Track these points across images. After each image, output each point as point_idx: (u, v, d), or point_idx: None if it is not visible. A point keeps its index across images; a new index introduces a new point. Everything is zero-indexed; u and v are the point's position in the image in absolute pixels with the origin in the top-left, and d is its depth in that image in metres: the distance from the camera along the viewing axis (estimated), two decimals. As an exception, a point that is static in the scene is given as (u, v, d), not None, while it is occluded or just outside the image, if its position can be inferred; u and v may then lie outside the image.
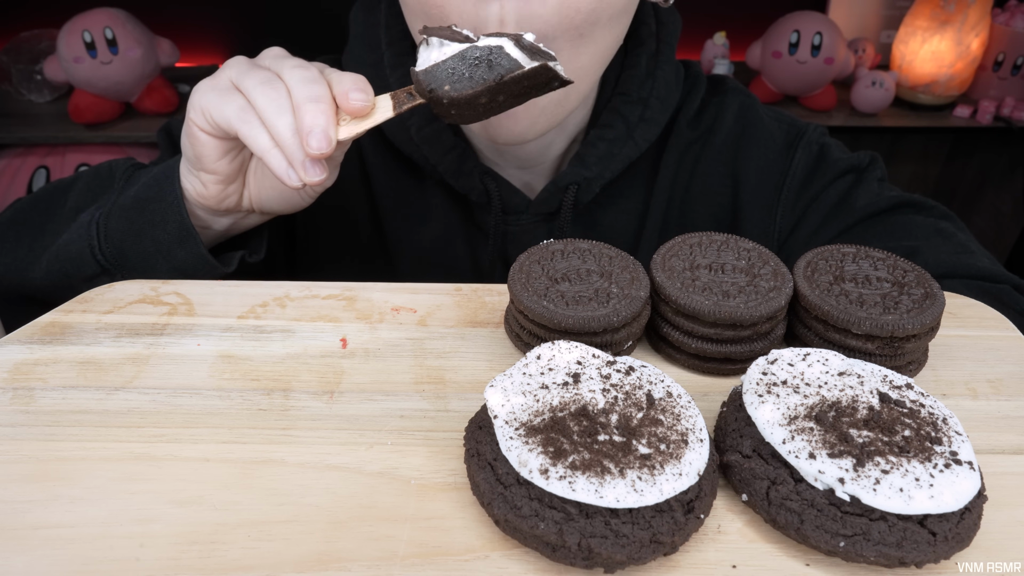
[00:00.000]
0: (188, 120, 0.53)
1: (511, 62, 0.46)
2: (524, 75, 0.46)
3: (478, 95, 0.46)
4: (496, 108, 0.49)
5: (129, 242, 0.57)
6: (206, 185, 0.55)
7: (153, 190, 0.58)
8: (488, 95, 0.47)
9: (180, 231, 0.56)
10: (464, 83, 0.46)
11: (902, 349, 0.43)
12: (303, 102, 0.48)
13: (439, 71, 0.47)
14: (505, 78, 0.46)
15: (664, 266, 0.46)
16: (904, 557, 0.32)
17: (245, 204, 0.58)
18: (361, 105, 0.48)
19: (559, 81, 0.49)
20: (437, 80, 0.47)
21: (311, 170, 0.49)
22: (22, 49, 1.89)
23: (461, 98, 0.47)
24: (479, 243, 0.72)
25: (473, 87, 0.46)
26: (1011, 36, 1.93)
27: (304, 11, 2.09)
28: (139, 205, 0.58)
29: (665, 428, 0.34)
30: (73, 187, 0.65)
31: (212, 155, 0.54)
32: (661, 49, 0.69)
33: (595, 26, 0.55)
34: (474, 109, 0.48)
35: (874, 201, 0.68)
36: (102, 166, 0.66)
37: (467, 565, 0.33)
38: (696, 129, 0.73)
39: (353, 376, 0.44)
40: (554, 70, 0.47)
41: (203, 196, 0.56)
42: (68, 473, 0.37)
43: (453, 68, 0.47)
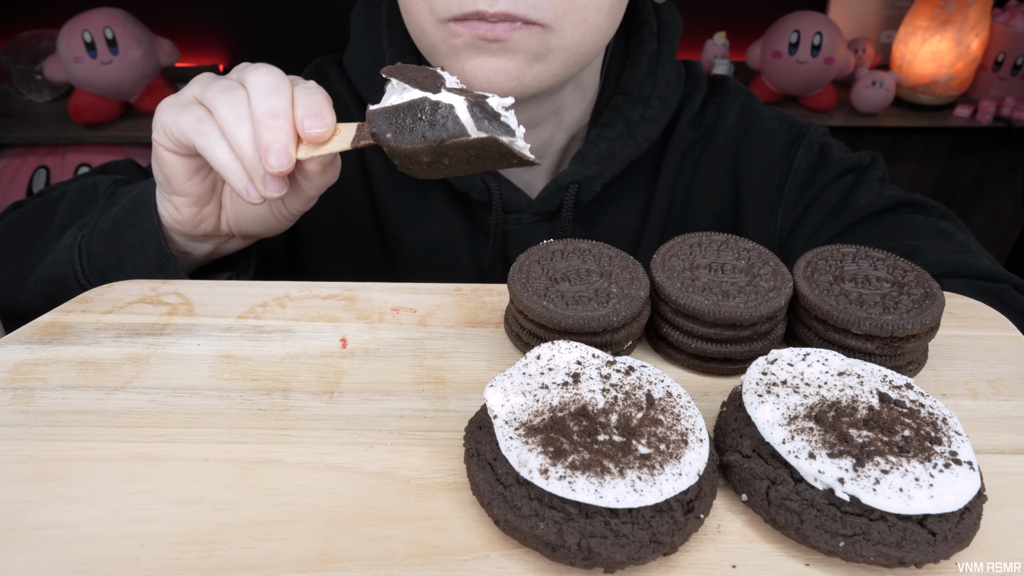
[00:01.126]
0: (154, 140, 0.51)
1: (456, 127, 0.43)
2: (468, 144, 0.43)
3: (418, 152, 0.44)
4: (444, 170, 0.45)
5: (111, 267, 0.56)
6: (179, 209, 0.54)
7: (132, 214, 0.56)
8: (430, 155, 0.44)
9: (159, 258, 0.55)
10: (405, 136, 0.43)
11: (902, 349, 0.43)
12: (262, 117, 0.46)
13: (387, 116, 0.44)
14: (446, 142, 0.43)
15: (664, 266, 0.46)
16: (904, 557, 0.32)
17: (224, 228, 0.57)
18: (316, 133, 0.46)
19: (517, 159, 0.45)
20: (381, 126, 0.44)
21: (271, 185, 0.47)
22: (22, 49, 1.89)
23: (401, 150, 0.44)
24: (480, 242, 0.72)
25: (412, 142, 0.43)
26: (1011, 36, 1.93)
27: (304, 11, 2.09)
28: (118, 230, 0.57)
29: (665, 428, 0.34)
30: (61, 202, 0.64)
31: (180, 176, 0.52)
32: (662, 49, 0.69)
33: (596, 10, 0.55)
34: (418, 165, 0.45)
35: (875, 200, 0.68)
36: (87, 180, 0.65)
37: (467, 565, 0.33)
38: (698, 129, 0.73)
39: (353, 376, 0.45)
40: (507, 147, 0.43)
41: (178, 221, 0.55)
42: (68, 473, 0.37)
43: (400, 117, 0.44)
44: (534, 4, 0.52)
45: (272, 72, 0.48)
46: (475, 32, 0.54)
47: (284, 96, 0.47)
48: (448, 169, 0.45)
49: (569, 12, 0.54)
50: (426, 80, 0.45)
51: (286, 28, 2.12)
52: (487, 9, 0.52)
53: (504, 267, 0.72)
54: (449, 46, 0.56)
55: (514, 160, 0.45)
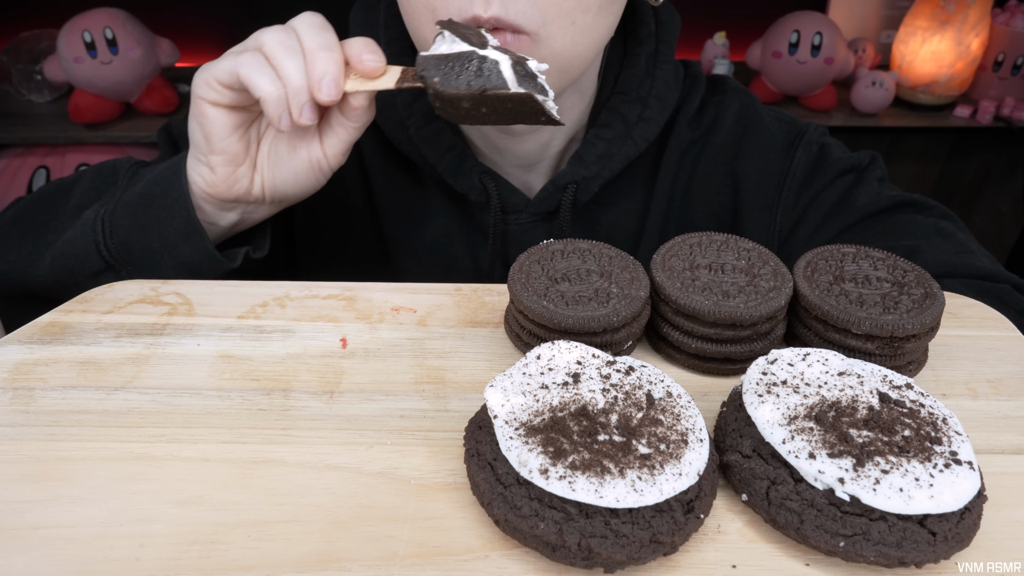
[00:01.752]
0: (194, 99, 0.53)
1: (499, 80, 0.47)
2: (507, 97, 0.47)
3: (460, 98, 0.48)
4: (480, 118, 0.49)
5: (134, 238, 0.57)
6: (214, 169, 0.55)
7: (159, 186, 0.58)
8: (470, 102, 0.48)
9: (186, 226, 0.56)
10: (451, 82, 0.48)
11: (902, 349, 0.43)
12: (315, 49, 0.49)
13: (436, 62, 0.48)
14: (487, 92, 0.47)
15: (664, 266, 0.46)
16: (904, 557, 0.32)
17: (256, 191, 0.58)
18: (372, 67, 0.50)
19: (547, 118, 0.49)
20: (430, 69, 0.48)
21: (307, 114, 0.50)
22: (22, 49, 1.89)
23: (445, 94, 0.48)
24: (478, 243, 0.72)
25: (457, 89, 0.47)
26: (1011, 36, 1.93)
27: (304, 11, 2.09)
28: (145, 201, 0.58)
29: (665, 428, 0.34)
30: (77, 185, 0.65)
31: (220, 131, 0.53)
32: (660, 48, 0.69)
33: (585, 12, 0.55)
34: (457, 110, 0.49)
35: (874, 200, 0.68)
36: (105, 164, 0.66)
37: (467, 565, 0.33)
38: (696, 129, 0.73)
39: (353, 376, 0.44)
40: (540, 104, 0.48)
41: (212, 183, 0.56)
42: (68, 473, 0.37)
43: (449, 64, 0.48)
44: (523, 10, 0.52)
45: (316, 15, 0.52)
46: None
47: (332, 33, 0.50)
48: (483, 117, 0.49)
49: (558, 17, 0.53)
50: (473, 37, 0.49)
51: (286, 28, 2.12)
52: (481, 14, 0.52)
53: (503, 267, 0.72)
54: None
55: (543, 118, 0.49)
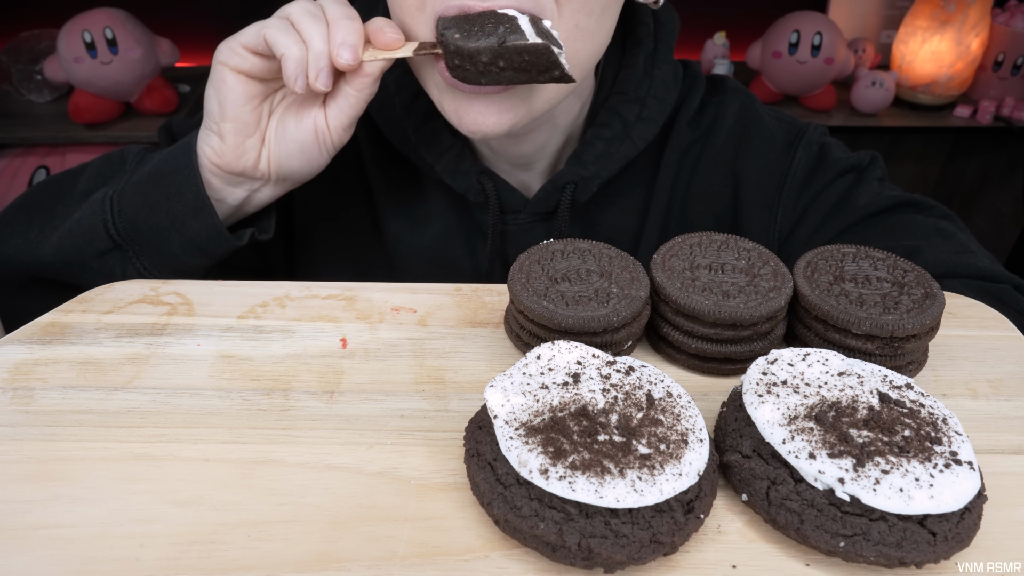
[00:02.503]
0: (216, 66, 0.55)
1: (518, 32, 0.50)
2: (525, 48, 0.50)
3: (480, 51, 0.50)
4: (495, 75, 0.51)
5: (143, 216, 0.58)
6: (224, 137, 0.56)
7: (170, 164, 0.59)
8: (489, 55, 0.50)
9: (196, 202, 0.57)
10: (472, 38, 0.50)
11: (902, 349, 0.43)
12: (337, 18, 0.52)
13: (457, 22, 0.51)
14: (507, 43, 0.49)
15: (664, 266, 0.46)
16: (904, 557, 0.32)
17: (263, 165, 0.58)
18: (392, 38, 0.53)
19: (559, 71, 0.51)
20: (451, 28, 0.51)
21: (323, 78, 0.53)
22: (22, 49, 1.89)
23: (464, 49, 0.50)
24: (478, 243, 0.72)
25: (476, 43, 0.50)
26: (1011, 36, 1.93)
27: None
28: (155, 179, 0.58)
29: (665, 428, 0.34)
30: (84, 172, 0.66)
31: (238, 99, 0.55)
32: (659, 48, 0.69)
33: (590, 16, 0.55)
34: (475, 65, 0.51)
35: (874, 200, 0.68)
36: (114, 152, 0.67)
37: (467, 565, 0.33)
38: (696, 129, 0.73)
39: (353, 376, 0.44)
40: (555, 55, 0.50)
41: (221, 152, 0.57)
42: (68, 473, 0.37)
43: (469, 23, 0.51)
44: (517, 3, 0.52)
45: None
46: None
47: (353, 9, 0.54)
48: (498, 74, 0.52)
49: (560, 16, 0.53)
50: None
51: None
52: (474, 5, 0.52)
53: (503, 267, 0.72)
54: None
55: (556, 72, 0.51)
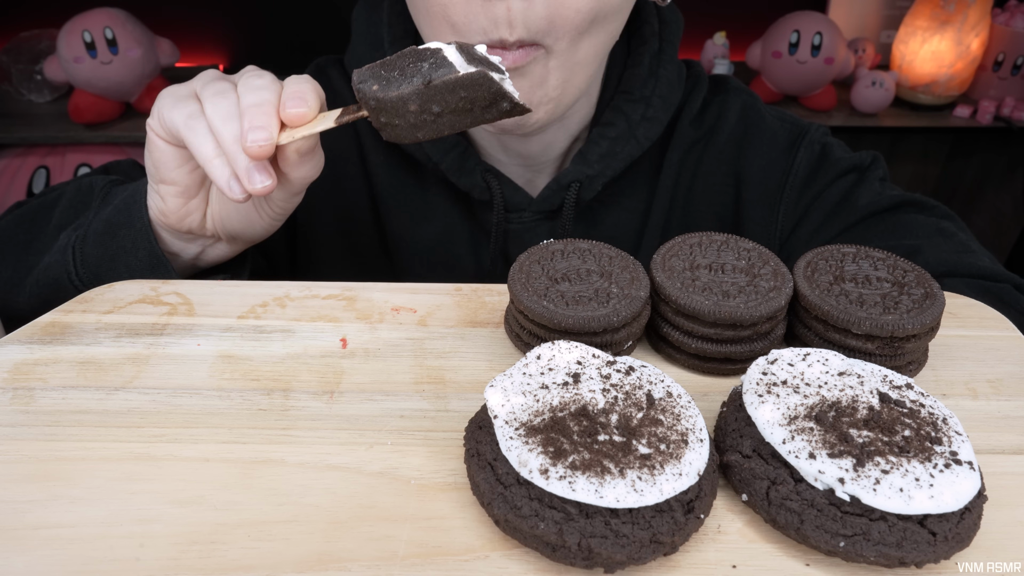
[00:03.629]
0: (147, 126, 0.53)
1: (445, 66, 0.41)
2: (458, 82, 0.41)
3: (405, 99, 0.41)
4: (432, 123, 0.43)
5: (104, 267, 0.57)
6: (165, 199, 0.54)
7: (123, 214, 0.57)
8: (417, 101, 0.42)
9: (151, 258, 0.56)
10: (392, 85, 0.42)
11: (902, 349, 0.43)
12: (246, 107, 0.47)
13: (372, 71, 0.43)
14: (434, 82, 0.41)
15: (664, 266, 0.46)
16: (904, 557, 0.32)
17: (209, 226, 0.57)
18: (295, 113, 0.47)
19: (509, 102, 0.43)
20: (368, 80, 0.43)
21: (255, 177, 0.47)
22: (22, 49, 1.89)
23: (387, 100, 0.42)
24: (481, 241, 0.72)
25: (399, 89, 0.42)
26: (1011, 36, 1.93)
27: (305, 10, 2.09)
28: (110, 230, 0.57)
29: (665, 428, 0.34)
30: (59, 203, 0.65)
31: (169, 163, 0.53)
32: (663, 48, 0.69)
33: (594, 22, 0.55)
34: (404, 119, 0.43)
35: (876, 200, 0.68)
36: (84, 181, 0.65)
37: (467, 565, 0.33)
38: (699, 128, 0.73)
39: (353, 376, 0.44)
40: (498, 84, 0.42)
41: (164, 213, 0.55)
42: (68, 473, 0.37)
43: (387, 69, 0.43)
44: (542, 27, 0.53)
45: (263, 74, 0.50)
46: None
47: (270, 91, 0.48)
48: (436, 122, 0.43)
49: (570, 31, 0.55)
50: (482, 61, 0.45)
51: (286, 28, 2.12)
52: (508, 37, 0.53)
53: (505, 266, 0.72)
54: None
55: (505, 104, 0.43)
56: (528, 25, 0.53)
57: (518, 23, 0.53)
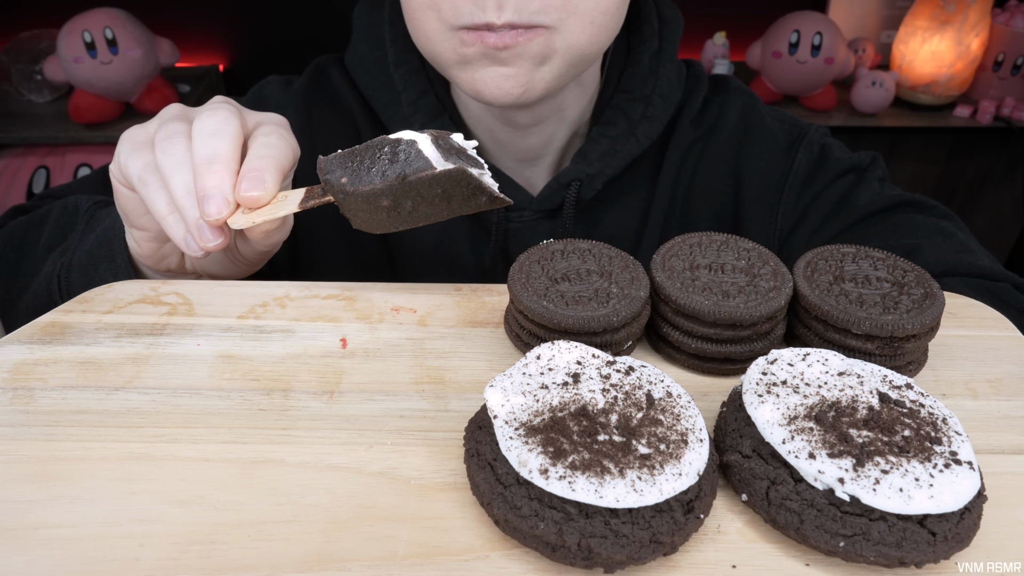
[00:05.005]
0: (110, 172, 0.50)
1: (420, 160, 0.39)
2: (435, 179, 0.39)
3: (378, 194, 0.40)
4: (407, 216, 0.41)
5: None
6: (139, 243, 0.53)
7: (104, 247, 0.56)
8: (390, 197, 0.40)
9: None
10: (363, 178, 0.40)
11: (902, 349, 0.43)
12: (199, 163, 0.44)
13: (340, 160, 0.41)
14: (409, 178, 0.39)
15: (664, 266, 0.46)
16: (904, 557, 0.32)
17: (188, 266, 0.56)
18: (249, 196, 0.43)
19: (488, 196, 0.41)
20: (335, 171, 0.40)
21: (207, 235, 0.44)
22: (22, 49, 1.89)
23: (359, 195, 0.40)
24: (481, 240, 0.72)
25: (371, 183, 0.40)
26: (1011, 36, 1.93)
27: (305, 10, 2.09)
28: (93, 262, 0.56)
29: (665, 428, 0.34)
30: (46, 221, 0.64)
31: (137, 209, 0.51)
32: (663, 47, 0.69)
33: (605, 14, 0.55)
34: (377, 213, 0.41)
35: (875, 200, 0.68)
36: (70, 201, 0.64)
37: (467, 565, 0.33)
38: (699, 128, 0.73)
39: (353, 376, 0.44)
40: (477, 180, 0.40)
41: (140, 255, 0.54)
42: (68, 473, 0.37)
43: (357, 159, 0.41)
44: (538, 9, 0.53)
45: (216, 115, 0.46)
46: (484, 42, 0.54)
47: (225, 138, 0.45)
48: (410, 216, 0.41)
49: (574, 14, 0.54)
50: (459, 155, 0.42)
51: (286, 28, 2.12)
52: (495, 20, 0.53)
53: (505, 264, 0.72)
54: (459, 55, 0.56)
55: (483, 198, 0.41)
56: (519, 9, 0.52)
57: (508, 7, 0.52)
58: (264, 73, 0.79)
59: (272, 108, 0.57)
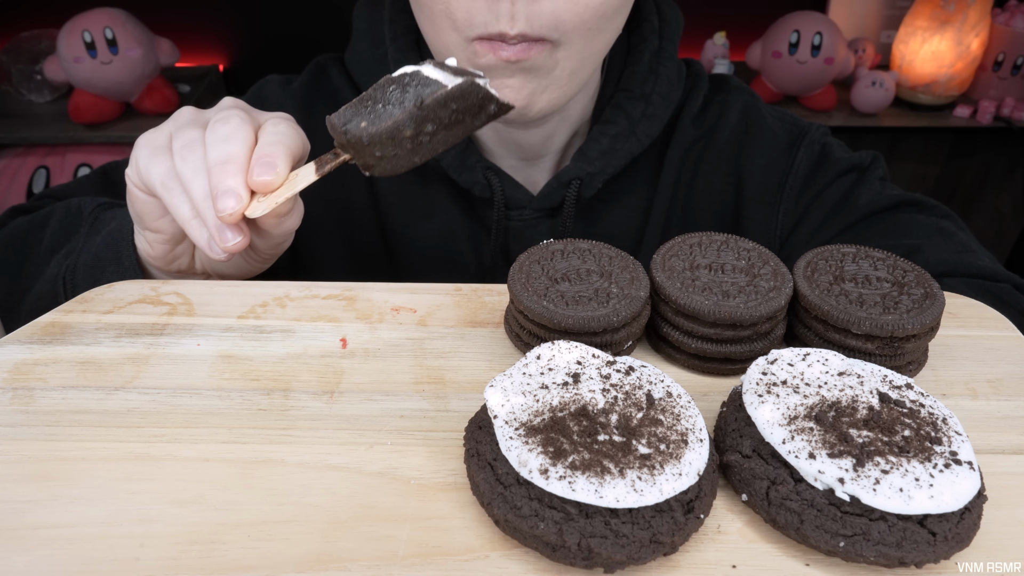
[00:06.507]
0: (126, 175, 0.51)
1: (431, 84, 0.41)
2: (449, 96, 0.40)
3: (400, 126, 0.40)
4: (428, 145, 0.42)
5: None
6: (152, 245, 0.53)
7: (111, 250, 0.56)
8: (413, 125, 0.40)
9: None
10: (382, 117, 0.41)
11: (902, 349, 0.43)
12: (213, 165, 0.45)
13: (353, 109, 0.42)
14: (426, 101, 0.40)
15: (664, 266, 0.46)
16: (904, 557, 0.32)
17: (198, 267, 0.56)
18: (261, 181, 0.44)
19: (496, 104, 0.43)
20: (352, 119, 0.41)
21: (225, 235, 0.45)
22: (22, 49, 1.89)
23: (381, 133, 0.40)
24: (481, 239, 0.72)
25: (391, 116, 0.40)
26: (1011, 36, 1.93)
27: (305, 10, 2.09)
28: (99, 265, 0.56)
29: (665, 428, 0.34)
30: (48, 223, 0.64)
31: (152, 213, 0.51)
32: (663, 46, 0.69)
33: (603, 18, 0.56)
34: (401, 146, 0.41)
35: (876, 199, 0.68)
36: (73, 202, 0.64)
37: (467, 565, 0.33)
38: (700, 127, 0.73)
39: (353, 376, 0.44)
40: (486, 89, 0.42)
41: (151, 256, 0.54)
42: (68, 473, 0.37)
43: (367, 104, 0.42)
44: (548, 23, 0.54)
45: (229, 121, 0.47)
46: (498, 55, 0.55)
47: (237, 142, 0.46)
48: (431, 142, 0.42)
49: (579, 27, 0.55)
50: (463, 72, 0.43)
51: (286, 27, 2.12)
52: (508, 31, 0.53)
53: (505, 263, 0.72)
54: (472, 65, 0.57)
55: (492, 107, 0.43)
56: (531, 21, 0.53)
57: (520, 18, 0.53)
58: (264, 73, 0.79)
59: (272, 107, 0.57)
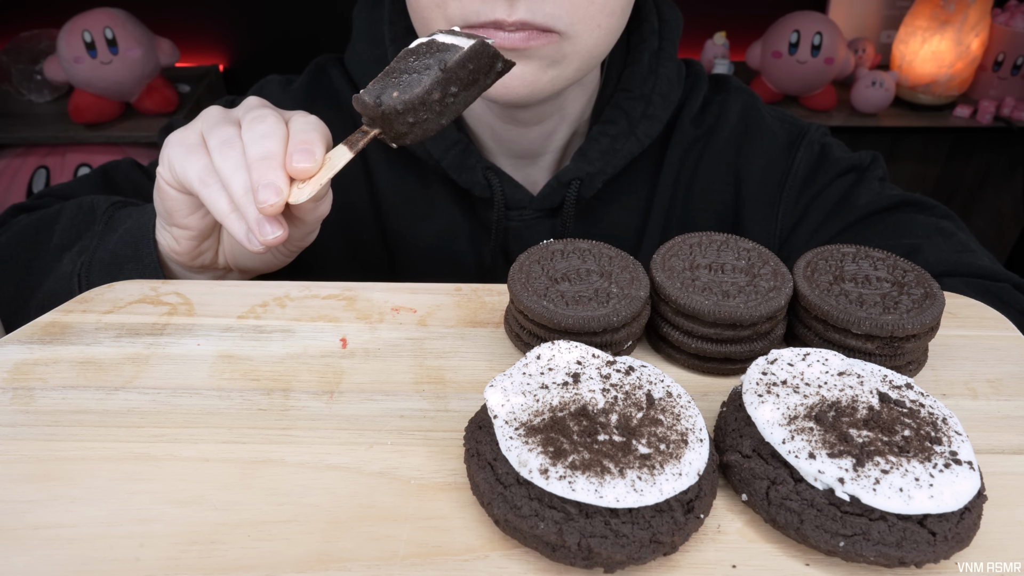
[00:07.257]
0: (157, 173, 0.51)
1: (448, 48, 0.44)
2: (466, 57, 0.44)
3: (429, 91, 0.44)
4: (452, 106, 0.46)
5: None
6: (178, 241, 0.54)
7: (131, 247, 0.57)
8: (440, 88, 0.44)
9: None
10: (411, 85, 0.43)
11: (902, 349, 0.43)
12: (253, 161, 0.46)
13: (380, 84, 0.44)
14: (449, 64, 0.43)
15: (664, 266, 0.46)
16: (904, 557, 0.32)
17: (221, 262, 0.57)
18: (300, 168, 0.46)
19: (501, 61, 0.47)
20: (381, 91, 0.44)
21: (265, 229, 0.46)
22: (22, 49, 1.89)
23: (414, 99, 0.43)
24: (481, 239, 0.72)
25: (421, 83, 0.43)
26: (1011, 36, 1.93)
27: (304, 10, 2.09)
28: (117, 261, 0.57)
29: (665, 428, 0.34)
30: (58, 220, 0.64)
31: (182, 210, 0.52)
32: (663, 46, 0.70)
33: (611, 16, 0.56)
34: (431, 110, 0.44)
35: (875, 199, 0.68)
36: (85, 200, 0.65)
37: (467, 565, 0.33)
38: (699, 127, 0.73)
39: (353, 376, 0.44)
40: (492, 47, 0.45)
41: (176, 252, 0.55)
42: (68, 473, 0.37)
43: (395, 76, 0.44)
44: (551, 12, 0.53)
45: (266, 120, 0.49)
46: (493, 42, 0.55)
47: (275, 139, 0.47)
48: (455, 103, 0.45)
49: (584, 19, 0.55)
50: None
51: (286, 27, 2.12)
52: (505, 18, 0.53)
53: (505, 263, 0.72)
54: None
55: (499, 64, 0.47)
56: (533, 9, 0.53)
57: (520, 4, 0.53)
58: (264, 73, 0.79)
59: None
